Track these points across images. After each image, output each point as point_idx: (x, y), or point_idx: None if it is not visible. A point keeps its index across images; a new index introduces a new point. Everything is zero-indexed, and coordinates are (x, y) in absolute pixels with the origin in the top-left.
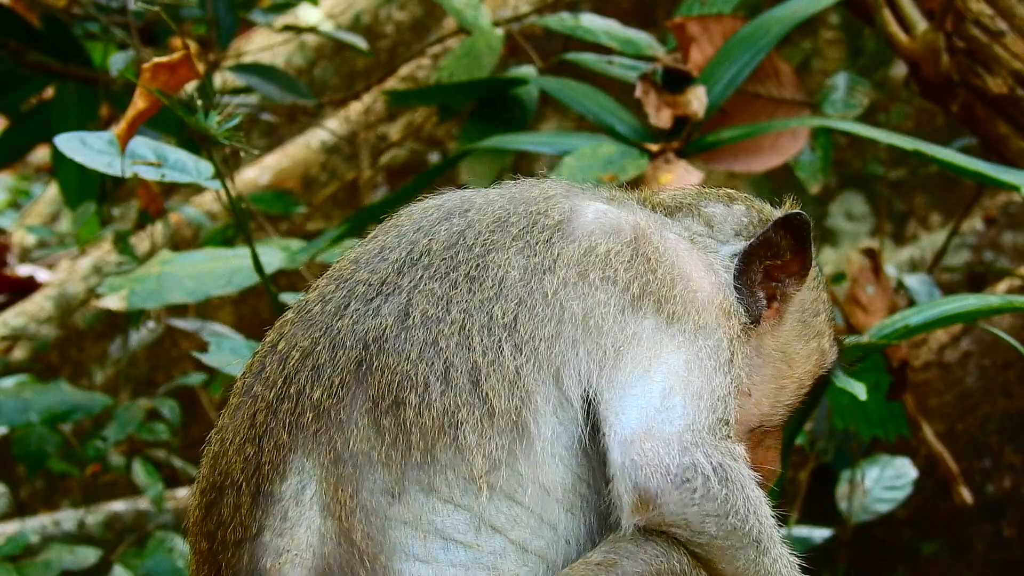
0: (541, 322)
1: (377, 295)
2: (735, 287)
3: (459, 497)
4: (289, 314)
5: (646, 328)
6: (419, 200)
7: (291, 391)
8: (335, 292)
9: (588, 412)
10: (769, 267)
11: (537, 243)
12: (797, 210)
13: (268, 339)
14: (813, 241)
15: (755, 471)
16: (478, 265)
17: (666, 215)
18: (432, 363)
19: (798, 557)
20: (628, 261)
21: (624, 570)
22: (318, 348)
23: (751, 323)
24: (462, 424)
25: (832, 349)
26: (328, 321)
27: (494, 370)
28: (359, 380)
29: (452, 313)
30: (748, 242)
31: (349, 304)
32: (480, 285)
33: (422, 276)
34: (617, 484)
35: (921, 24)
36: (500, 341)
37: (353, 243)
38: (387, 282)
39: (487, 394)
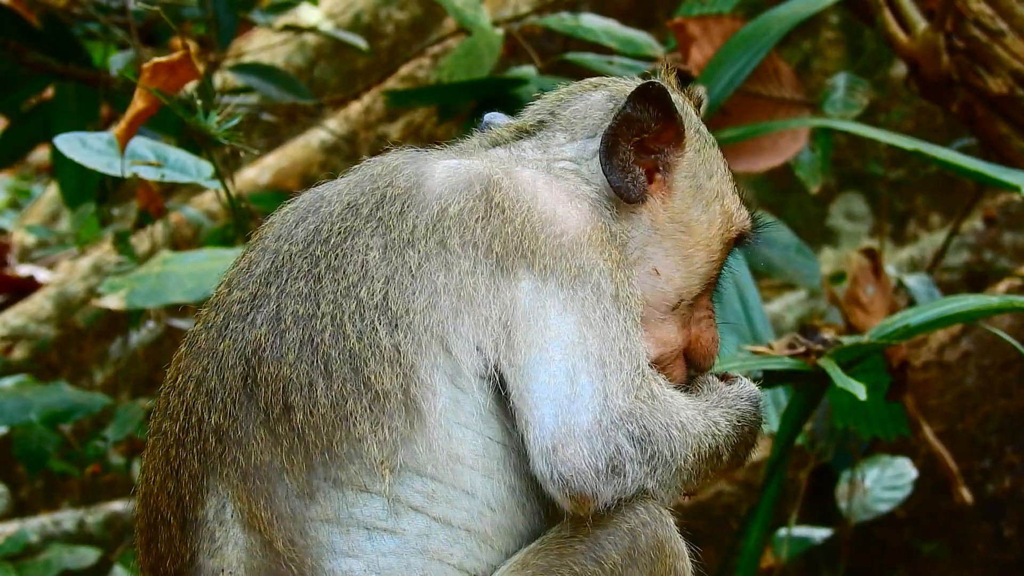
0: (413, 295)
1: (251, 310)
2: (607, 175)
3: (370, 484)
4: (182, 348)
5: (524, 291)
6: (285, 204)
7: (193, 421)
8: (215, 317)
9: (491, 383)
10: (640, 142)
11: (390, 218)
12: (650, 80)
13: (168, 377)
14: (677, 105)
15: (695, 349)
16: (337, 255)
17: (526, 139)
18: (311, 361)
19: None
20: (483, 217)
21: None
22: (208, 374)
23: (636, 201)
24: (351, 415)
25: (740, 211)
26: (213, 346)
27: (372, 353)
28: (248, 395)
29: (321, 307)
30: (603, 131)
31: (228, 324)
32: (343, 273)
33: (286, 279)
34: (551, 491)
35: (921, 24)
36: (374, 322)
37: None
38: (258, 295)
39: (369, 379)
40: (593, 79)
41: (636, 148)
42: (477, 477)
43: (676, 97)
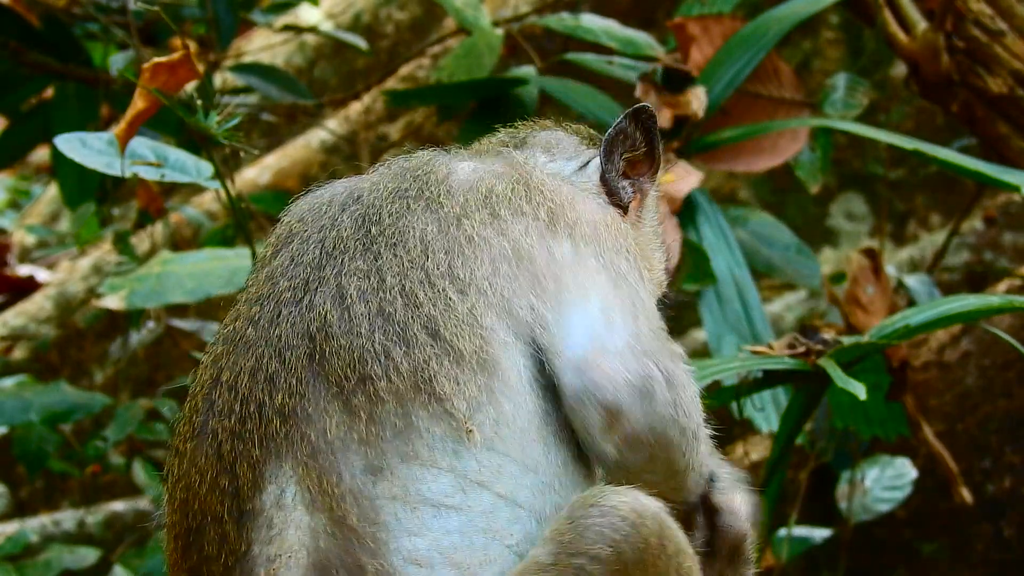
0: (476, 263)
1: (305, 294)
2: (606, 174)
3: (440, 458)
4: (218, 348)
5: (567, 251)
6: (297, 203)
7: (251, 410)
8: (262, 310)
9: (533, 344)
10: (626, 160)
11: (439, 196)
12: (644, 104)
13: (203, 378)
14: (659, 138)
15: None
16: (393, 233)
17: (516, 151)
18: (386, 330)
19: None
20: (526, 195)
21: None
22: (265, 360)
23: (623, 208)
24: (435, 376)
25: (662, 272)
26: (266, 335)
27: (450, 317)
28: (315, 372)
29: (387, 280)
30: (604, 137)
31: (280, 312)
32: (404, 248)
33: (343, 260)
34: (582, 409)
35: (921, 24)
36: (444, 290)
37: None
38: (311, 279)
39: (450, 340)
40: (547, 121)
41: (624, 164)
42: (539, 451)
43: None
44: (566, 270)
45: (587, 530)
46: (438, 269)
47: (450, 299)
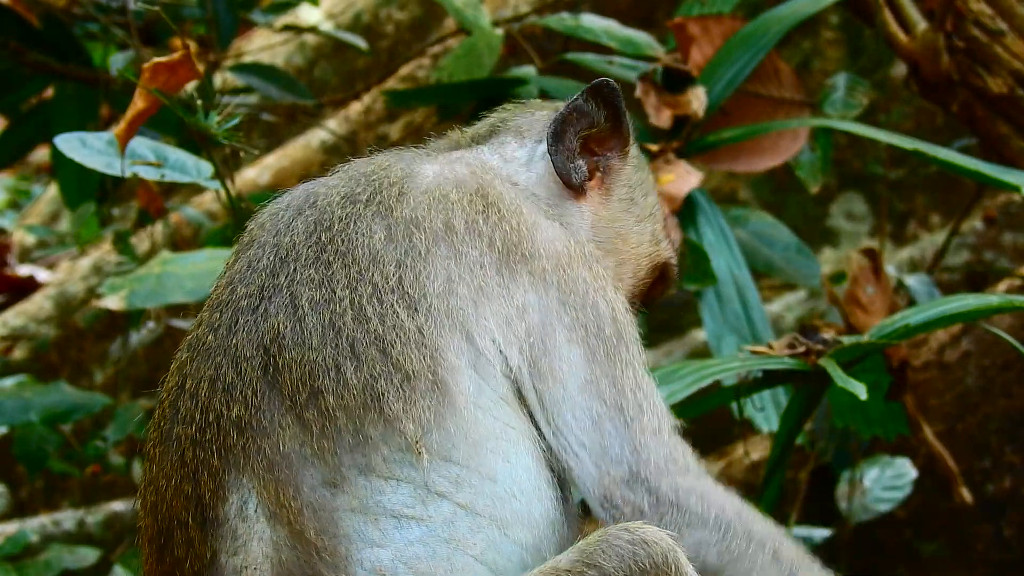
0: (428, 279)
1: (260, 302)
2: (552, 156)
3: (398, 471)
4: (183, 355)
5: (532, 303)
6: (264, 208)
7: (210, 419)
8: (221, 317)
9: (510, 378)
10: (587, 138)
11: (390, 199)
12: (604, 79)
13: (170, 383)
14: (627, 112)
15: None
16: (343, 240)
17: (482, 144)
18: (336, 344)
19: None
20: (483, 212)
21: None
22: (222, 370)
23: (576, 191)
24: (384, 394)
25: (666, 244)
26: (223, 343)
27: (398, 335)
28: (270, 384)
29: (337, 292)
30: (553, 118)
31: (237, 320)
32: (352, 258)
33: (295, 268)
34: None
35: (921, 24)
36: (393, 305)
37: None
38: (266, 287)
39: (398, 360)
40: (536, 102)
41: (582, 143)
42: (497, 461)
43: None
44: (537, 337)
45: (610, 548)
46: (387, 283)
47: (399, 316)
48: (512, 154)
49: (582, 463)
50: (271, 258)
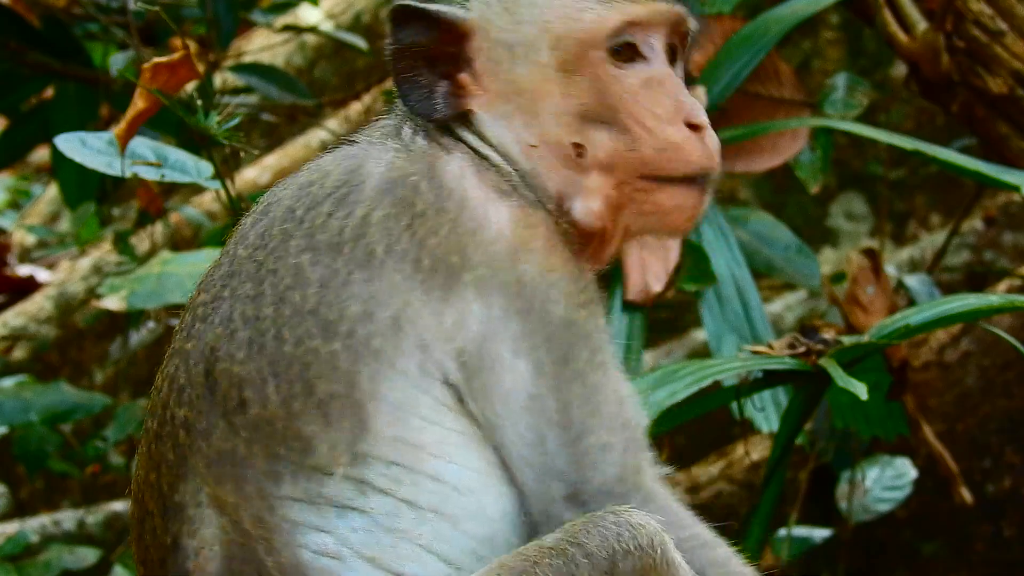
0: (346, 303)
1: (211, 312)
2: (415, 113)
3: (335, 468)
4: (168, 351)
5: (473, 316)
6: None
7: (167, 416)
8: (186, 319)
9: (450, 389)
10: (428, 61)
11: (318, 218)
12: (393, 3)
13: (157, 379)
14: (434, 6)
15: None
16: (275, 258)
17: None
18: (259, 361)
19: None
20: (408, 227)
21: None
22: (178, 372)
23: (447, 114)
24: (300, 415)
25: (585, 11)
26: (182, 346)
27: (312, 359)
28: (209, 389)
29: (263, 310)
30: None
31: (194, 325)
32: (279, 276)
33: (237, 282)
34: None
35: (921, 24)
36: (309, 329)
37: None
38: (216, 297)
39: (312, 383)
40: None
41: (428, 67)
42: (440, 463)
43: (439, 6)
44: (475, 352)
45: (595, 528)
46: (305, 305)
47: (314, 340)
48: (397, 133)
49: (525, 477)
50: (227, 268)
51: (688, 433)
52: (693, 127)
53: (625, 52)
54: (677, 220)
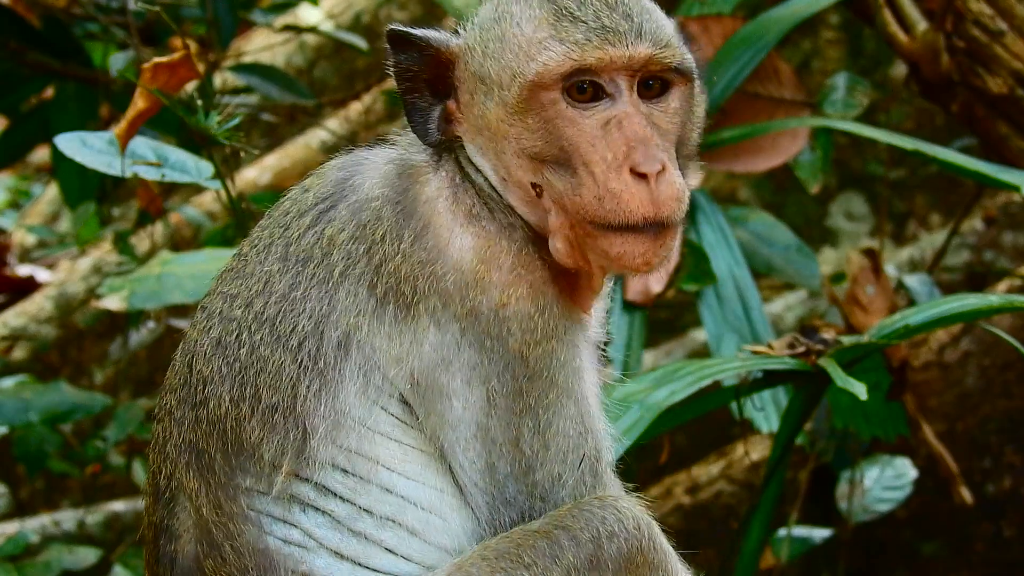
0: (299, 317)
1: (207, 304)
2: (426, 142)
3: (284, 471)
4: None
5: (428, 341)
6: None
7: (163, 401)
8: (201, 311)
9: (405, 404)
10: (428, 84)
11: (297, 231)
12: (388, 28)
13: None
14: (420, 32)
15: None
16: (256, 263)
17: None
18: (219, 360)
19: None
20: (367, 253)
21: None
22: (175, 360)
23: (437, 139)
24: (246, 419)
25: (545, 52)
26: (188, 334)
27: (262, 367)
28: (185, 379)
29: (233, 311)
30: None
31: (197, 315)
32: (252, 281)
33: (230, 279)
34: None
35: (921, 24)
36: (264, 337)
37: None
38: (215, 291)
39: (259, 390)
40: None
41: (430, 91)
42: (395, 477)
43: (426, 32)
44: (427, 369)
45: (582, 513)
46: (265, 313)
47: (266, 348)
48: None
49: (477, 501)
50: (232, 262)
51: (688, 433)
52: (639, 175)
53: (590, 90)
54: (630, 264)
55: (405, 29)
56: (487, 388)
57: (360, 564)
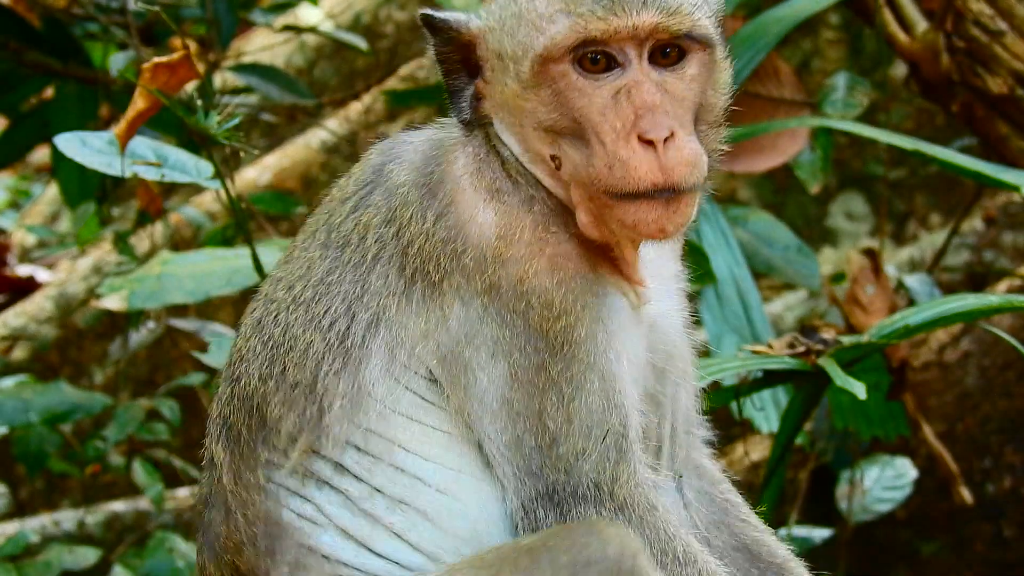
0: (333, 300)
1: (260, 290)
2: (459, 120)
3: (301, 447)
4: None
5: (455, 315)
6: None
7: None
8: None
9: (432, 383)
10: (465, 66)
11: (340, 215)
12: (419, 13)
13: None
14: (444, 16)
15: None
16: (304, 246)
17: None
18: (256, 340)
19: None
20: (395, 235)
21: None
22: (236, 339)
23: (470, 119)
24: (270, 396)
25: (551, 27)
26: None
27: (291, 345)
28: (232, 357)
29: (277, 293)
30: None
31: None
32: (296, 265)
33: (281, 264)
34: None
35: (921, 24)
36: (298, 317)
37: None
38: (271, 275)
39: (285, 367)
40: None
41: (466, 72)
42: (412, 458)
43: (448, 14)
44: (453, 344)
45: (569, 535)
46: (302, 295)
47: (298, 327)
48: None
49: (504, 472)
50: (288, 249)
51: None
52: (646, 142)
53: (603, 60)
54: (646, 232)
55: (430, 13)
56: (510, 362)
57: (365, 546)
